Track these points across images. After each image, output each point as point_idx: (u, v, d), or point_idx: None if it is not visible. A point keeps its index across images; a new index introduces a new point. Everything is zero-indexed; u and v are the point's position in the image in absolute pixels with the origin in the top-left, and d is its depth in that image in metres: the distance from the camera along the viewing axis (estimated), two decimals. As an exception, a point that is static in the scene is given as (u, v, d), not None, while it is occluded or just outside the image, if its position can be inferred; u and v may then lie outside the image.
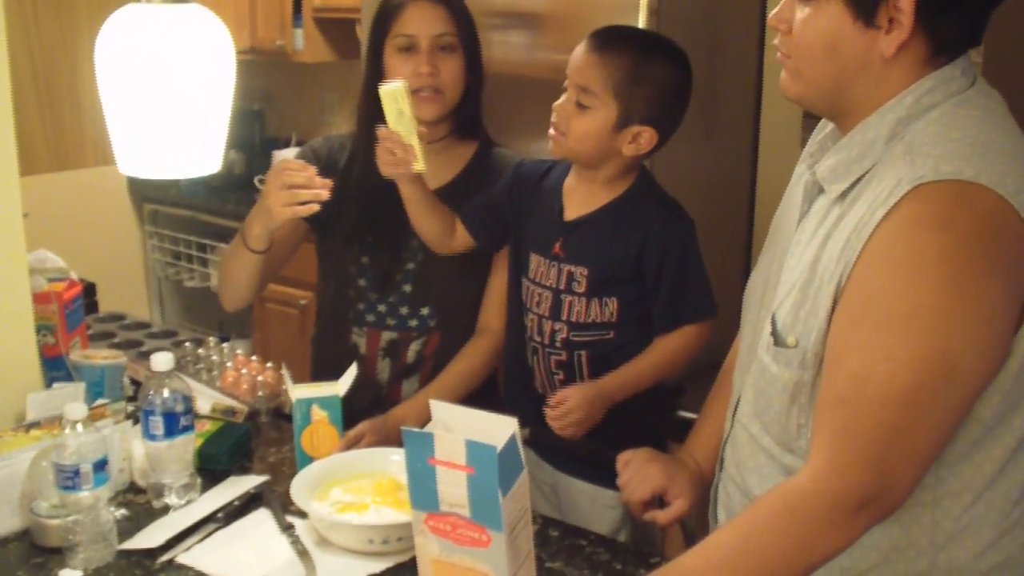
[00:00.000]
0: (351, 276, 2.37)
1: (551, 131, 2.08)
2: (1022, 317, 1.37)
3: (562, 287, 2.10)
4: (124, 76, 1.51)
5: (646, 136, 2.04)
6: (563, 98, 2.07)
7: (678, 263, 2.08)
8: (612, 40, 2.04)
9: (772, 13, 1.52)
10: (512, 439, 1.40)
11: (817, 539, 1.40)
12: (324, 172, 2.33)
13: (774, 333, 1.53)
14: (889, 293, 1.35)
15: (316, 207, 2.10)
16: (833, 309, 1.43)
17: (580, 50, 2.06)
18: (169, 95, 1.51)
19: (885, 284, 1.36)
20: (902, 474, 1.38)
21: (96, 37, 1.90)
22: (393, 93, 2.06)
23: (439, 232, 2.24)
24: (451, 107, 2.31)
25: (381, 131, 2.10)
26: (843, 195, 1.49)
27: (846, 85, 1.46)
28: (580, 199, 2.14)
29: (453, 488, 1.40)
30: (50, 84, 1.87)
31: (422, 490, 1.43)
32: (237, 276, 2.32)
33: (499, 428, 1.40)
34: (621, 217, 2.09)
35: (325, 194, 2.09)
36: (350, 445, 2.02)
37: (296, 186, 2.08)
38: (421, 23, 2.26)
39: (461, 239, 2.27)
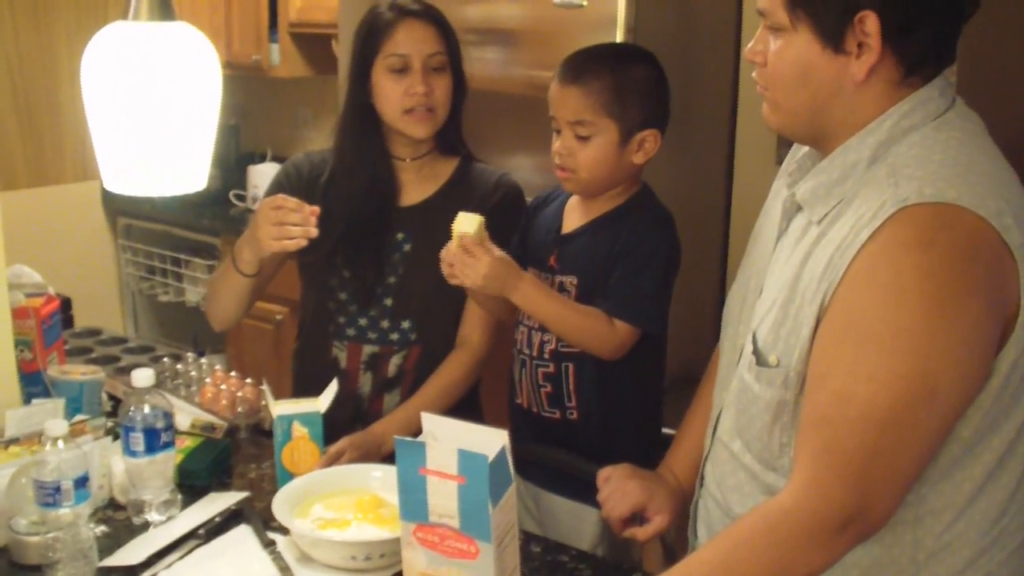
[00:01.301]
0: (332, 289, 2.37)
1: (559, 172, 2.10)
2: (1003, 338, 1.39)
3: None
4: (111, 94, 1.50)
5: (650, 139, 2.08)
6: (558, 141, 2.09)
7: (643, 260, 2.07)
8: (583, 66, 2.07)
9: (748, 47, 1.54)
10: (503, 451, 1.41)
11: (798, 558, 1.40)
12: (306, 188, 2.37)
13: (755, 352, 1.54)
14: (871, 314, 1.37)
15: (304, 243, 2.11)
16: (816, 329, 1.44)
17: (557, 89, 2.08)
18: (156, 112, 1.50)
19: (867, 305, 1.37)
20: (884, 494, 1.39)
21: (75, 53, 1.90)
22: (474, 221, 2.02)
23: (500, 303, 2.19)
24: (441, 125, 2.33)
25: (446, 254, 2.05)
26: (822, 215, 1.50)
27: (822, 111, 1.48)
28: (579, 214, 2.17)
29: (443, 499, 1.41)
30: (30, 100, 1.86)
31: (412, 501, 1.44)
32: (227, 297, 2.35)
33: (490, 440, 1.41)
34: (611, 226, 2.11)
35: (315, 232, 2.10)
36: (331, 461, 2.02)
37: (289, 223, 2.10)
38: (414, 43, 2.26)
39: None
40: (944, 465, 1.44)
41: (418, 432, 1.55)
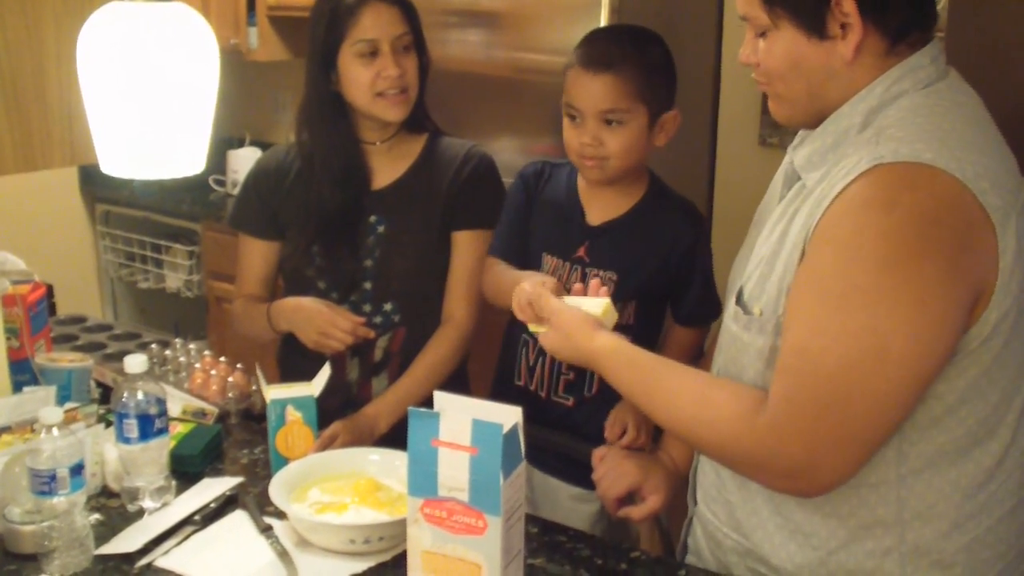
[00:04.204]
0: (310, 280, 2.37)
1: (586, 162, 2.06)
2: (979, 301, 1.41)
3: (587, 292, 2.07)
4: (109, 75, 1.48)
5: (671, 120, 2.08)
6: (584, 133, 2.03)
7: (705, 263, 2.13)
8: (611, 53, 2.02)
9: (740, 52, 1.58)
10: (515, 427, 1.42)
11: (726, 452, 1.54)
12: (277, 183, 2.40)
13: (740, 303, 1.57)
14: (828, 270, 1.41)
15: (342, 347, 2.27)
16: None
17: (586, 78, 2.02)
18: (156, 94, 1.48)
19: (826, 261, 1.42)
20: (831, 455, 1.43)
21: (62, 35, 1.88)
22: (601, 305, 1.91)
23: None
24: (414, 103, 2.32)
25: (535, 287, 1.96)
26: None
27: (820, 95, 1.51)
28: (602, 204, 2.13)
29: (454, 470, 1.41)
30: (16, 85, 1.84)
31: (422, 474, 1.44)
32: (255, 336, 2.48)
33: (503, 416, 1.42)
34: (648, 223, 2.11)
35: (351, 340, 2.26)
36: (325, 446, 2.01)
37: (335, 336, 2.25)
38: (381, 26, 2.25)
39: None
40: (923, 423, 1.46)
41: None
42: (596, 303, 1.76)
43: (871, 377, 1.38)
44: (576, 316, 1.71)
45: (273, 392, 1.98)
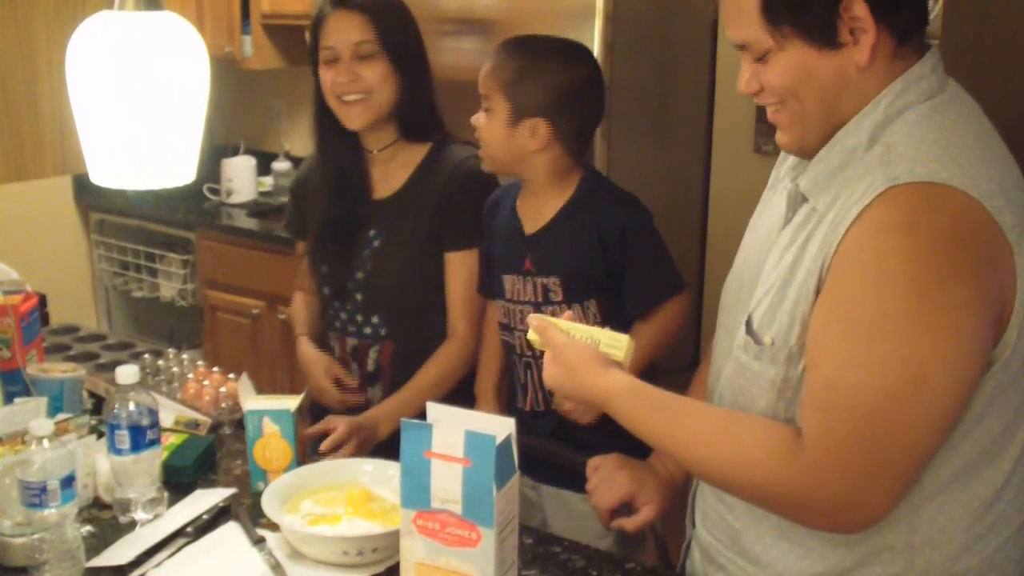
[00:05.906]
0: (318, 283, 2.44)
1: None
2: (1000, 322, 1.38)
3: (540, 299, 2.11)
4: (100, 85, 1.47)
5: (542, 128, 2.08)
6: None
7: (639, 246, 2.10)
8: (506, 47, 2.13)
9: (739, 81, 1.52)
10: (509, 438, 1.41)
11: (765, 497, 1.48)
12: (304, 188, 2.49)
13: (750, 333, 1.53)
14: (855, 299, 1.37)
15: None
16: (815, 305, 1.43)
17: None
18: (146, 104, 1.47)
19: (852, 290, 1.37)
20: (873, 488, 1.39)
21: (53, 44, 1.87)
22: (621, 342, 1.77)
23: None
24: (383, 109, 2.31)
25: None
26: None
27: (835, 109, 1.46)
28: (534, 213, 2.17)
29: (447, 482, 1.41)
30: (7, 94, 1.84)
31: (414, 486, 1.43)
32: None
33: (496, 427, 1.41)
34: (576, 218, 2.12)
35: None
36: (333, 444, 2.07)
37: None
38: (340, 34, 2.28)
39: None
40: (942, 450, 1.43)
41: None
42: (616, 339, 1.59)
43: (910, 407, 1.35)
44: (583, 351, 1.59)
45: (250, 403, 1.96)
